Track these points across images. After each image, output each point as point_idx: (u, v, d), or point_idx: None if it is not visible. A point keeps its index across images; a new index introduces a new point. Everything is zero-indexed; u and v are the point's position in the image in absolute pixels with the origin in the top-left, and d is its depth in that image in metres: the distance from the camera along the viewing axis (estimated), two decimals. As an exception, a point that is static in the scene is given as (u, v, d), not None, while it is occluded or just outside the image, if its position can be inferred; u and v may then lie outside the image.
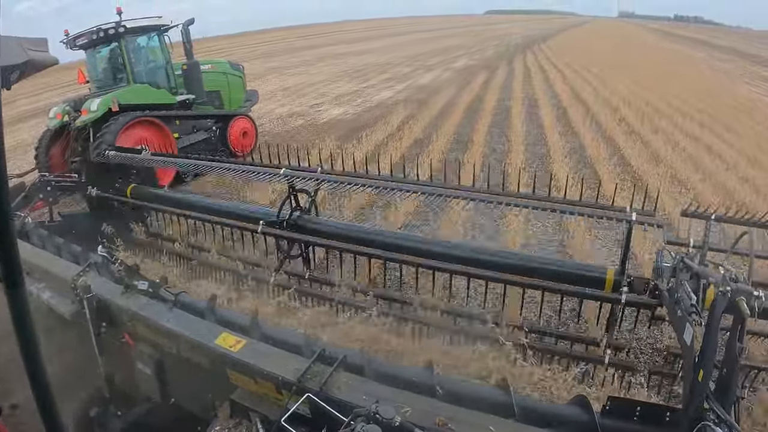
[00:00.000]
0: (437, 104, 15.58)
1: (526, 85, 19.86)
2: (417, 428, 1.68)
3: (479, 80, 21.42)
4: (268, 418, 2.09)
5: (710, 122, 12.67)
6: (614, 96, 16.28)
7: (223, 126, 9.41)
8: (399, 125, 12.48)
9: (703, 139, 11.04)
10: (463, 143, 10.82)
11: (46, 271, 3.00)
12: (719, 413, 1.75)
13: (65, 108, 7.82)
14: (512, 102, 15.89)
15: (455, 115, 13.83)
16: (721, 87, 19.99)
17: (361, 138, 10.99)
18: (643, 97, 15.96)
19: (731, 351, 1.86)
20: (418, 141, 11.01)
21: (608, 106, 14.82)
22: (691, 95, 16.78)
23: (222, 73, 10.03)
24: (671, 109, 14.47)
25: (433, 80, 22.03)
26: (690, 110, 14.12)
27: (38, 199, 4.59)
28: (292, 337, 2.39)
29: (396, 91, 19.36)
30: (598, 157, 9.50)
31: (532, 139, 11.14)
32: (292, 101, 17.65)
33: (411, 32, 61.48)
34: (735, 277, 1.91)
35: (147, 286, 2.62)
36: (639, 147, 10.17)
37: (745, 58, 35.51)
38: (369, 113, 14.92)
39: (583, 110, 14.31)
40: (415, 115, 13.66)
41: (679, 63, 29.39)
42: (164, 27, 8.74)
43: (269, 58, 34.04)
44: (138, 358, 2.58)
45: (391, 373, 2.14)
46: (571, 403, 2.02)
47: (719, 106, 14.94)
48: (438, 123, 12.75)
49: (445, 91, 18.31)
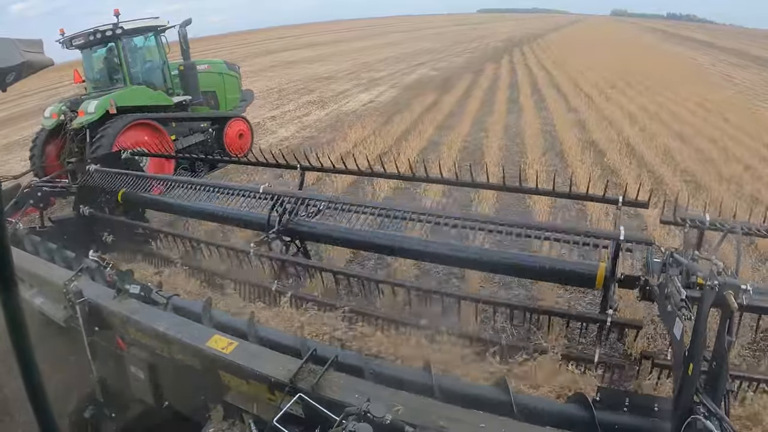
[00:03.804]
0: (338, 147, 10.20)
1: (484, 119, 13.14)
2: (408, 426, 1.68)
3: (425, 103, 15.60)
4: (261, 418, 2.09)
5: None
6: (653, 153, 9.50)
7: (220, 128, 9.41)
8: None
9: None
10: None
11: (38, 276, 2.99)
12: (709, 406, 1.76)
13: (61, 107, 7.77)
14: (447, 152, 9.74)
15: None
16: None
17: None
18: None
19: (720, 345, 1.88)
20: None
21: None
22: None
23: (218, 74, 10.00)
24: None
25: (365, 104, 16.40)
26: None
27: (29, 205, 4.56)
28: (284, 337, 2.39)
29: (299, 126, 13.54)
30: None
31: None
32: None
33: (390, 32, 58.52)
34: (723, 272, 1.93)
35: (139, 290, 2.61)
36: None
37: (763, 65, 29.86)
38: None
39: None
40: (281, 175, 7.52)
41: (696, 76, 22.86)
42: (161, 28, 8.73)
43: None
44: (131, 361, 2.56)
45: (384, 372, 2.15)
46: (570, 401, 2.03)
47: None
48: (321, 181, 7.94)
49: (367, 120, 13.17)
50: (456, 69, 25.47)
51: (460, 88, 18.98)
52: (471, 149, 10.28)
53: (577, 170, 8.27)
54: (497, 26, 72.40)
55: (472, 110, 14.49)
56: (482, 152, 9.94)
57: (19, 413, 2.65)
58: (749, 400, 2.81)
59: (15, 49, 1.89)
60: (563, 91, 18.13)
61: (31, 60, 1.97)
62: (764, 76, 25.26)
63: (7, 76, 1.88)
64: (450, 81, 20.83)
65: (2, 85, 1.93)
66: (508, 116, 13.57)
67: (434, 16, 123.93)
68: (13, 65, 1.86)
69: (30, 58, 1.96)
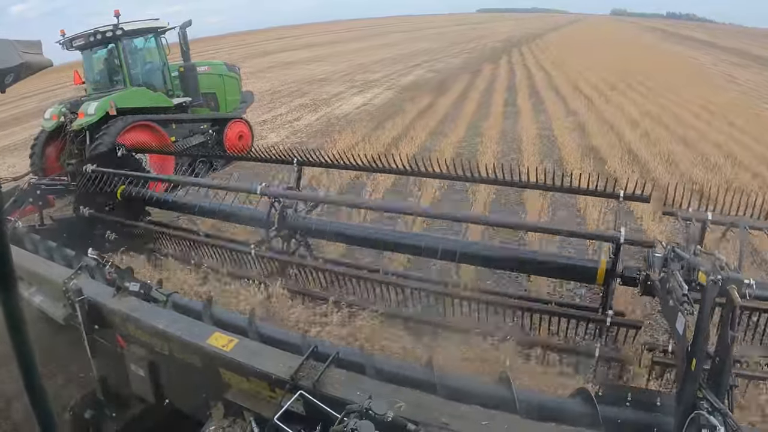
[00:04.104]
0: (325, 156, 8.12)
1: (479, 123, 12.76)
2: (410, 423, 1.67)
3: (420, 106, 15.02)
4: (262, 416, 2.08)
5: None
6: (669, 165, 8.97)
7: (220, 129, 9.41)
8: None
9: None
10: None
11: (38, 275, 2.98)
12: (712, 401, 1.75)
13: (61, 109, 7.79)
14: (441, 158, 7.27)
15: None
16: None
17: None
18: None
19: (723, 340, 1.86)
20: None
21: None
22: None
23: (218, 75, 10.02)
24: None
25: (359, 108, 15.82)
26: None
27: (28, 203, 4.55)
28: (285, 335, 2.38)
29: (290, 131, 13.21)
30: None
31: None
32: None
33: (389, 33, 57.81)
34: (726, 266, 1.92)
35: (139, 288, 2.60)
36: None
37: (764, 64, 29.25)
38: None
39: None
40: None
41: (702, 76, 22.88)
42: (161, 29, 8.75)
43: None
44: (131, 359, 2.56)
45: (385, 368, 2.13)
46: (574, 396, 2.02)
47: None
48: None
49: (357, 125, 12.81)
50: (453, 70, 25.01)
51: (456, 90, 18.51)
52: (466, 156, 9.48)
53: (577, 179, 7.76)
54: (497, 26, 72.22)
55: (468, 113, 14.11)
56: (477, 160, 7.68)
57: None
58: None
59: (14, 50, 1.87)
60: (562, 93, 17.67)
61: (30, 61, 1.96)
62: (766, 75, 25.20)
63: (6, 77, 1.87)
64: (446, 83, 20.41)
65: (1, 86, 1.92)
66: (504, 121, 13.22)
67: (434, 16, 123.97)
68: (12, 66, 1.84)
69: (29, 59, 1.94)
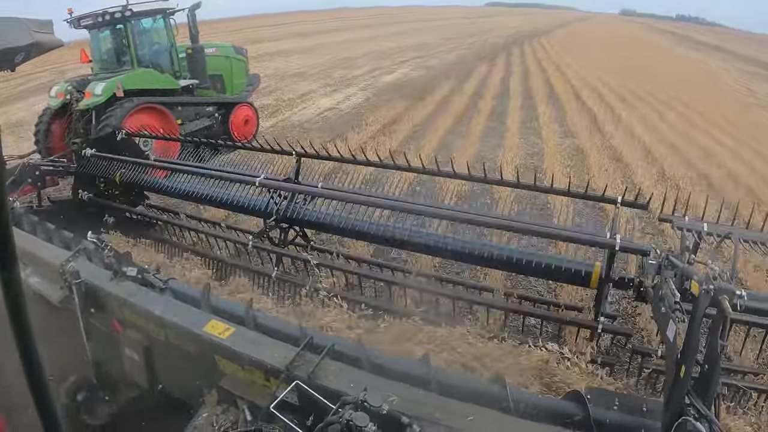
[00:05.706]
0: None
1: (452, 143, 10.39)
2: (404, 416, 1.70)
3: (390, 114, 13.18)
4: (255, 405, 2.10)
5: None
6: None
7: (226, 113, 9.36)
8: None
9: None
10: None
11: (35, 256, 2.97)
12: (700, 408, 1.78)
13: (67, 87, 7.74)
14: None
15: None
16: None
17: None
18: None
19: (713, 349, 1.89)
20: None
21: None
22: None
23: (225, 57, 9.93)
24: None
25: (322, 113, 14.11)
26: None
27: (26, 184, 4.54)
28: (282, 325, 2.39)
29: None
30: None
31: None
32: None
33: (396, 23, 54.46)
34: (719, 276, 1.94)
35: (136, 272, 2.61)
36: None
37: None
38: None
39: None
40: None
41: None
42: (170, 10, 8.65)
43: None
44: (126, 344, 2.57)
45: (381, 362, 2.15)
46: (567, 398, 2.05)
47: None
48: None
49: (315, 134, 10.92)
50: (444, 69, 22.65)
51: (439, 94, 16.26)
52: (421, 191, 6.17)
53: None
54: (505, 20, 71.20)
55: (442, 128, 11.54)
56: (434, 196, 5.44)
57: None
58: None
59: (25, 29, 1.85)
60: (562, 103, 15.54)
61: (41, 40, 1.94)
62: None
63: (17, 56, 1.85)
64: (429, 85, 18.05)
65: (11, 64, 1.90)
66: (481, 141, 10.62)
67: (443, 8, 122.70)
68: (23, 45, 1.82)
69: (39, 39, 1.93)
